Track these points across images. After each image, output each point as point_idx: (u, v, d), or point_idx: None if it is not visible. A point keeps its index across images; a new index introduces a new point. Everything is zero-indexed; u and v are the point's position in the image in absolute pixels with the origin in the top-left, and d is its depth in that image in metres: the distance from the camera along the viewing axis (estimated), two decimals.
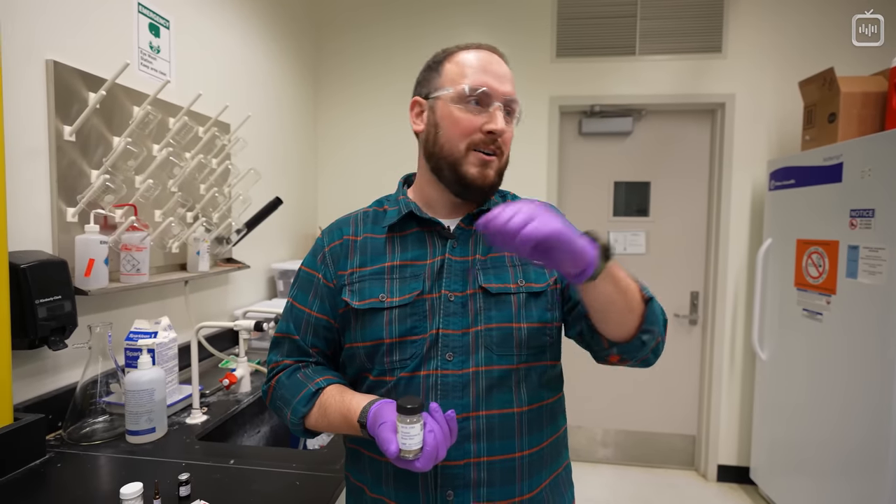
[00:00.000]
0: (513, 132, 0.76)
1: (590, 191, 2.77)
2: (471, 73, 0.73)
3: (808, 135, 2.20)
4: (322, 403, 0.71)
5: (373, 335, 0.72)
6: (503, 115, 0.72)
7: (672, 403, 2.78)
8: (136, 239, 1.28)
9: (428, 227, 0.77)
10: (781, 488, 2.28)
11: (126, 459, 1.02)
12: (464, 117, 0.72)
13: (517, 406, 0.70)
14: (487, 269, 0.74)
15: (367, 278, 0.75)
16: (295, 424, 0.73)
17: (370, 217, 0.82)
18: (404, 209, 0.77)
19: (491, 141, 0.72)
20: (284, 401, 0.74)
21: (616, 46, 2.58)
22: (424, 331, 0.71)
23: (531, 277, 0.74)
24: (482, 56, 0.75)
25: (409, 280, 0.73)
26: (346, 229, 0.81)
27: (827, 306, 1.95)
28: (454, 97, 0.73)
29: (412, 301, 0.72)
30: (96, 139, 1.25)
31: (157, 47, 1.47)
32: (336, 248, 0.79)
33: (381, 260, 0.76)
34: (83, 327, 1.14)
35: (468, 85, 0.72)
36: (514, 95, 0.75)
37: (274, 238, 2.27)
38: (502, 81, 0.73)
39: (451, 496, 0.68)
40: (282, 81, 2.33)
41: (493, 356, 0.70)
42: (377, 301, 0.73)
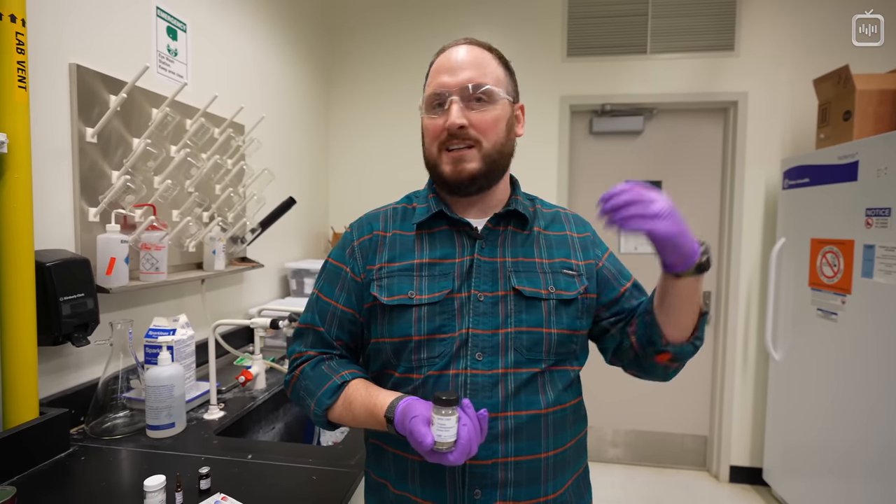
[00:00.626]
0: (494, 114, 0.73)
1: (601, 190, 2.70)
2: (432, 79, 0.76)
3: (823, 133, 2.18)
4: (347, 397, 0.72)
5: (401, 331, 0.73)
6: (459, 106, 0.72)
7: (683, 403, 2.77)
8: (155, 238, 1.30)
9: (457, 226, 0.78)
10: (796, 490, 2.26)
11: (147, 453, 1.05)
12: (430, 124, 0.75)
13: (544, 407, 0.71)
14: (519, 272, 0.74)
15: (396, 274, 0.76)
16: (318, 416, 0.74)
17: (399, 213, 0.83)
18: (434, 207, 0.78)
19: (455, 136, 0.72)
20: (308, 391, 0.75)
21: (627, 45, 2.57)
22: (453, 329, 0.72)
23: (561, 285, 0.75)
24: (445, 56, 0.76)
25: (438, 278, 0.74)
26: (376, 224, 0.82)
27: (842, 306, 1.93)
28: (424, 109, 0.76)
29: (441, 300, 0.72)
30: (116, 140, 1.28)
31: (174, 50, 1.50)
32: (365, 242, 0.80)
33: (410, 257, 0.76)
34: (104, 324, 1.17)
35: (428, 92, 0.75)
36: (477, 80, 0.72)
37: (286, 237, 2.30)
38: (457, 73, 0.73)
39: (478, 494, 0.69)
40: (294, 83, 2.36)
41: (522, 359, 0.71)
42: (406, 297, 0.73)
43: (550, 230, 0.81)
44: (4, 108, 0.93)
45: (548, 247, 0.78)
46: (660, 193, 0.63)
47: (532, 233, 0.79)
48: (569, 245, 0.80)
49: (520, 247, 0.77)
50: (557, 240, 0.80)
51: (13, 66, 0.94)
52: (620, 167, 2.75)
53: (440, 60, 0.77)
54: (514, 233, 0.78)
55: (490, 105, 0.73)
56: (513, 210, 0.78)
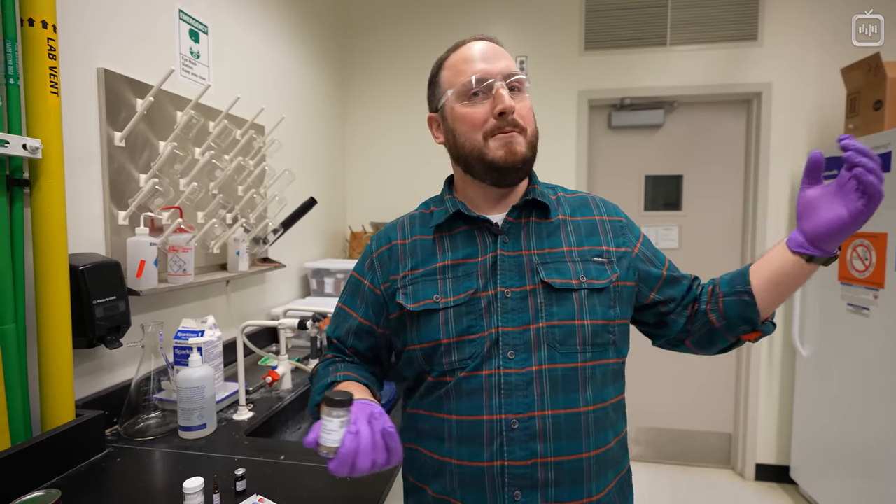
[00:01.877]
0: (529, 104, 0.75)
1: (620, 185, 2.73)
2: (463, 67, 0.74)
3: (852, 123, 2.12)
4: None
5: (429, 336, 0.73)
6: (507, 92, 0.71)
7: (707, 401, 2.72)
8: (182, 240, 1.31)
9: (476, 224, 0.77)
10: (824, 488, 2.21)
11: (181, 454, 1.05)
12: (471, 111, 0.73)
13: (583, 405, 0.69)
14: (547, 263, 0.72)
15: (420, 280, 0.75)
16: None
17: (417, 220, 0.83)
18: (451, 208, 0.77)
19: (505, 122, 0.71)
20: (314, 389, 0.79)
21: (646, 37, 2.53)
22: (482, 329, 0.70)
23: (592, 274, 0.73)
24: (469, 48, 0.75)
25: (462, 279, 0.73)
26: (394, 234, 0.82)
27: (874, 301, 1.88)
28: (457, 97, 0.74)
29: (467, 300, 0.72)
30: (142, 144, 1.29)
31: (196, 53, 1.50)
32: (384, 253, 0.81)
33: (433, 261, 0.76)
34: (135, 326, 1.18)
35: (464, 80, 0.73)
36: (513, 69, 0.73)
37: (305, 238, 2.31)
38: (495, 61, 0.73)
39: (518, 496, 0.67)
40: (311, 83, 2.36)
41: (557, 354, 0.69)
42: (432, 302, 0.73)
43: (578, 215, 0.79)
44: (38, 114, 0.94)
45: (576, 233, 0.76)
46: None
47: (557, 220, 0.77)
48: (599, 231, 0.77)
49: (545, 237, 0.75)
50: (586, 225, 0.78)
51: (45, 71, 0.94)
52: (640, 161, 2.71)
53: (464, 52, 0.75)
54: (538, 223, 0.76)
55: (523, 94, 0.74)
56: (532, 200, 0.76)
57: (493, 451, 0.68)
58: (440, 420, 0.72)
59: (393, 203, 2.76)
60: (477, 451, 0.69)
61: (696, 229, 2.68)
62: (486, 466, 0.68)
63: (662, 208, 2.71)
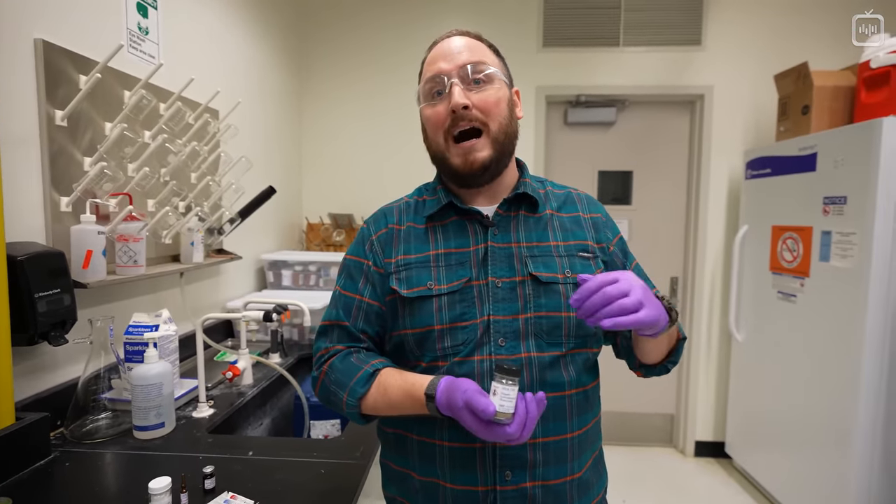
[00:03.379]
0: (496, 94, 0.74)
1: (575, 179, 2.82)
2: (427, 69, 0.75)
3: (783, 126, 2.30)
4: (381, 383, 0.71)
5: (422, 322, 0.73)
6: (461, 87, 0.71)
7: (652, 384, 2.89)
8: (133, 229, 1.23)
9: (467, 216, 0.78)
10: (754, 461, 2.43)
11: (138, 455, 0.99)
12: (431, 112, 0.75)
13: (567, 389, 0.72)
14: (535, 256, 0.75)
15: (414, 266, 0.76)
16: (352, 406, 0.72)
17: (412, 207, 0.83)
18: (444, 199, 0.78)
19: (460, 118, 0.71)
20: (340, 384, 0.73)
21: (601, 37, 2.62)
22: (474, 317, 0.72)
23: (577, 269, 0.75)
24: (437, 47, 0.76)
25: (455, 267, 0.74)
26: (391, 218, 0.82)
27: (801, 288, 2.07)
28: (423, 99, 0.76)
29: (461, 288, 0.73)
30: (86, 124, 1.19)
31: (145, 28, 1.40)
32: (383, 235, 0.80)
33: (426, 248, 0.77)
34: (82, 321, 1.10)
35: (423, 81, 0.75)
36: (474, 59, 0.73)
37: (261, 229, 2.22)
38: (454, 57, 0.73)
39: (509, 476, 0.70)
40: (266, 69, 2.26)
41: (543, 343, 0.71)
42: (425, 289, 0.74)
43: (563, 212, 0.81)
44: None
45: (562, 229, 0.79)
46: (627, 276, 0.62)
47: (545, 215, 0.79)
48: (583, 226, 0.80)
49: (533, 231, 0.77)
50: (571, 221, 0.80)
51: None
52: (593, 157, 2.82)
53: (434, 51, 0.76)
54: (527, 217, 0.78)
55: (489, 85, 0.74)
56: (522, 193, 0.78)
57: None
58: None
59: (354, 195, 2.71)
60: (468, 433, 0.70)
61: (645, 223, 2.83)
62: (477, 448, 0.70)
63: (613, 202, 2.84)
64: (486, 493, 0.70)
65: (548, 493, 0.71)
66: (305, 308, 1.43)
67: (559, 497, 0.71)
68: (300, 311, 1.43)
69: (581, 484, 0.74)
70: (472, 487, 0.70)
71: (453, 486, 0.71)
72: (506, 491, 0.70)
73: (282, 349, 1.68)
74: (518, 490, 0.70)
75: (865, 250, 1.73)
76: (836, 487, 1.85)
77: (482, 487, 0.70)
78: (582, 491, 0.74)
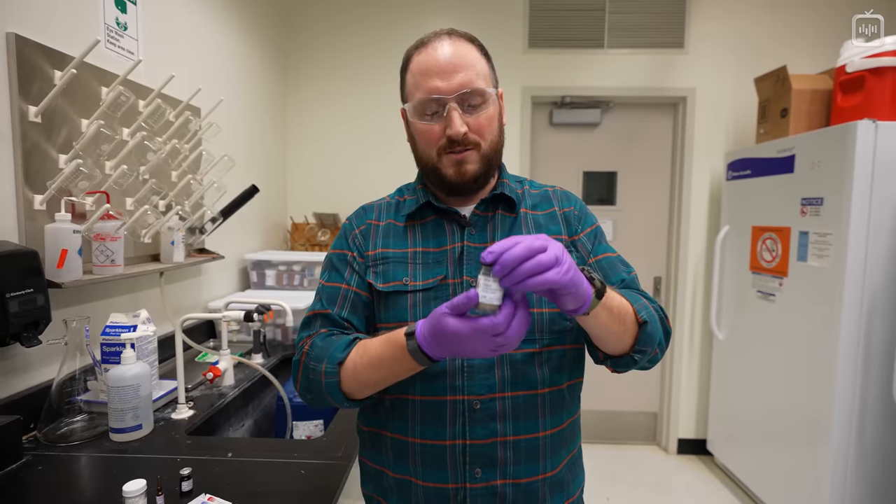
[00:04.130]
0: (491, 113, 0.74)
1: (560, 180, 2.84)
2: (420, 81, 0.73)
3: (763, 128, 2.35)
4: (361, 346, 0.68)
5: (396, 317, 0.74)
6: (459, 113, 0.71)
7: (636, 383, 2.93)
8: (110, 228, 1.20)
9: (445, 215, 0.79)
10: (734, 457, 2.47)
11: (114, 458, 0.98)
12: (426, 129, 0.74)
13: (540, 387, 0.72)
14: None
15: (391, 261, 0.77)
16: (330, 374, 0.68)
17: (392, 206, 0.84)
18: (422, 198, 0.79)
19: (456, 142, 0.72)
20: (318, 359, 0.70)
21: (586, 39, 2.65)
22: None
23: None
24: (430, 54, 0.73)
25: (432, 265, 0.75)
26: (371, 214, 0.83)
27: (779, 288, 2.11)
28: (414, 112, 0.75)
29: (436, 285, 0.73)
30: (61, 121, 1.16)
31: (123, 24, 1.38)
32: (364, 230, 0.81)
33: (404, 245, 0.78)
34: (57, 322, 1.07)
35: (418, 98, 0.73)
36: (471, 84, 0.71)
37: (244, 228, 2.20)
38: (451, 76, 0.71)
39: (478, 473, 0.70)
40: (250, 67, 2.24)
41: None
42: (401, 284, 0.74)
43: (539, 210, 0.81)
44: None
45: (536, 227, 0.79)
46: (544, 238, 0.56)
47: (520, 215, 0.80)
48: (558, 222, 0.80)
49: (509, 230, 0.78)
50: (546, 218, 0.80)
51: None
52: (578, 158, 2.84)
53: (425, 59, 0.73)
54: (504, 216, 0.79)
55: (484, 106, 0.73)
56: (499, 194, 0.79)
57: (456, 430, 0.70)
58: (405, 401, 0.73)
59: (339, 194, 2.69)
60: (440, 430, 0.71)
61: (629, 223, 2.86)
62: (448, 445, 0.70)
63: (599, 203, 2.86)
64: (457, 490, 0.70)
65: (518, 492, 0.71)
66: (288, 308, 1.42)
67: (531, 496, 0.72)
68: (283, 311, 1.42)
69: (554, 483, 0.74)
70: (443, 485, 0.70)
71: (425, 484, 0.71)
72: (475, 489, 0.70)
73: (264, 349, 1.66)
74: (488, 488, 0.70)
75: (841, 250, 1.77)
76: (812, 482, 1.89)
77: (452, 485, 0.70)
78: (555, 490, 0.74)
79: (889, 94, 1.84)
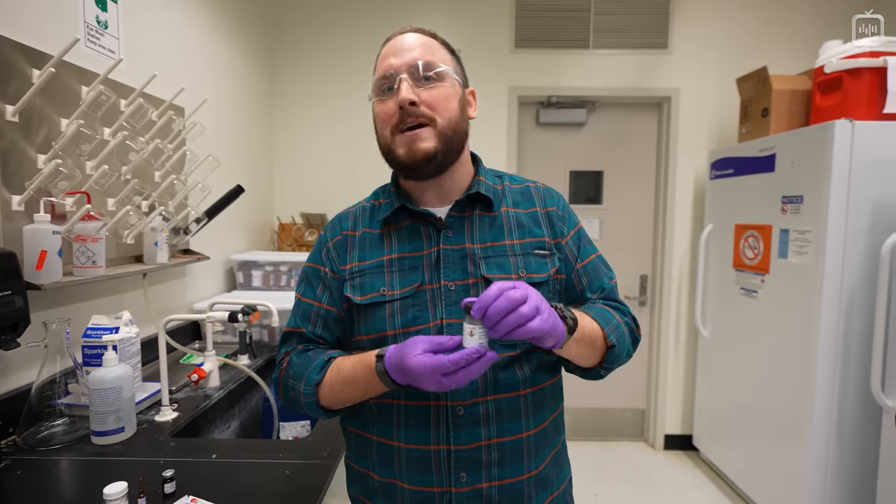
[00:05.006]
0: (446, 91, 0.73)
1: (547, 179, 2.81)
2: (379, 65, 0.75)
3: (745, 128, 2.39)
4: (336, 366, 0.71)
5: (376, 328, 0.73)
6: (410, 84, 0.70)
7: (623, 380, 2.96)
8: (91, 229, 1.19)
9: (420, 218, 0.77)
10: (720, 452, 2.50)
11: (95, 462, 0.96)
12: (381, 108, 0.74)
13: (522, 388, 0.73)
14: (489, 257, 0.74)
15: (367, 272, 0.76)
16: (309, 395, 0.71)
17: (367, 212, 0.82)
18: (396, 202, 0.78)
19: (408, 115, 0.70)
20: (297, 377, 0.73)
21: (571, 39, 2.67)
22: (427, 320, 0.71)
23: (532, 268, 0.75)
24: (391, 43, 0.75)
25: (408, 272, 0.74)
26: (346, 224, 0.82)
27: (762, 285, 2.15)
28: (374, 94, 0.75)
29: (413, 292, 0.73)
30: (40, 120, 1.15)
31: (104, 22, 1.36)
32: (338, 242, 0.80)
33: (380, 254, 0.76)
34: (36, 324, 1.06)
35: (374, 80, 0.74)
36: (426, 58, 0.72)
37: (230, 229, 2.18)
38: (404, 54, 0.72)
39: (463, 478, 0.70)
40: (235, 66, 2.22)
41: (497, 344, 0.71)
42: (379, 295, 0.74)
43: (521, 207, 0.80)
44: None
45: (518, 227, 0.77)
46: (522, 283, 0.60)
47: (500, 213, 0.78)
48: (540, 223, 0.79)
49: (488, 230, 0.76)
50: (528, 218, 0.79)
51: None
52: (565, 157, 2.86)
53: (387, 47, 0.75)
54: (482, 216, 0.77)
55: (440, 83, 0.73)
56: (475, 193, 0.77)
57: (440, 435, 0.70)
58: (390, 405, 0.73)
59: (327, 194, 2.68)
60: (424, 435, 0.71)
61: (615, 222, 2.89)
62: (433, 450, 0.70)
63: (585, 202, 2.89)
64: (442, 494, 0.70)
65: (504, 493, 0.71)
66: (274, 308, 1.41)
67: (516, 495, 0.72)
68: (269, 311, 1.41)
69: (539, 480, 0.74)
70: (428, 489, 0.70)
71: (410, 487, 0.71)
72: (461, 492, 0.70)
73: (251, 351, 1.65)
74: (473, 491, 0.70)
75: (820, 247, 1.81)
76: (794, 475, 1.92)
77: (438, 489, 0.70)
78: (540, 486, 0.75)
79: (865, 94, 1.88)
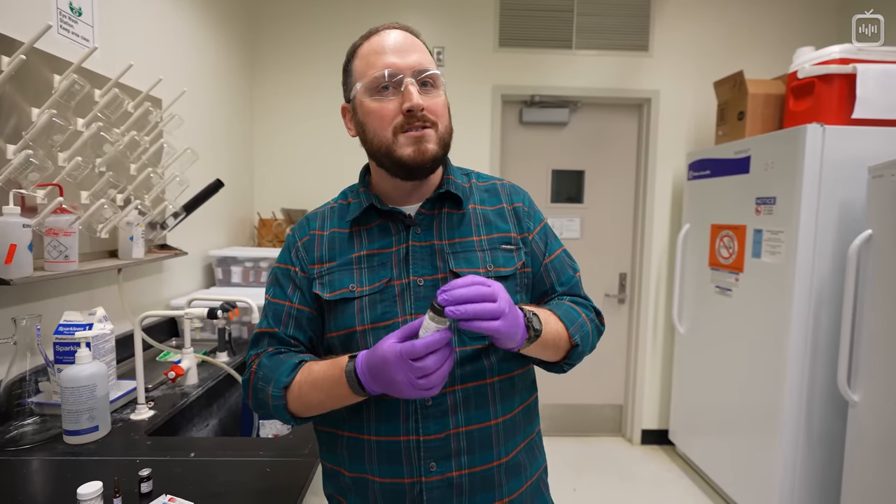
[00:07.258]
0: (443, 99, 0.74)
1: (530, 178, 2.88)
2: (374, 60, 0.72)
3: (721, 130, 2.44)
4: (307, 368, 0.70)
5: (345, 324, 0.73)
6: (416, 88, 0.70)
7: (602, 376, 3.01)
8: (63, 222, 1.15)
9: (390, 217, 0.77)
10: (694, 446, 2.57)
11: (68, 461, 0.94)
12: (380, 106, 0.72)
13: (489, 377, 0.74)
14: (457, 253, 0.75)
15: (337, 270, 0.76)
16: (277, 398, 0.70)
17: (336, 212, 0.82)
18: (365, 202, 0.78)
19: (414, 118, 0.70)
20: (266, 380, 0.72)
21: (555, 39, 2.69)
22: (395, 315, 0.72)
23: (500, 262, 0.76)
24: (381, 38, 0.73)
25: (377, 269, 0.74)
26: (314, 223, 0.81)
27: (736, 283, 2.21)
28: (366, 91, 0.72)
29: (382, 288, 0.73)
30: (9, 109, 1.11)
31: (77, 9, 1.32)
32: (306, 242, 0.80)
33: (349, 252, 0.76)
34: (5, 321, 1.03)
35: (374, 73, 0.71)
36: (425, 65, 0.72)
37: (209, 224, 2.14)
38: (406, 54, 0.72)
39: (433, 467, 0.70)
40: (215, 59, 2.17)
41: (465, 338, 0.72)
42: (348, 291, 0.74)
43: (487, 204, 0.81)
44: None
45: (485, 223, 0.79)
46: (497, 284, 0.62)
47: (468, 211, 0.79)
48: (506, 218, 0.80)
49: (456, 227, 0.77)
50: (495, 214, 0.80)
51: None
52: (548, 156, 2.89)
53: (377, 42, 0.73)
54: (450, 214, 0.78)
55: (436, 90, 0.74)
56: (445, 192, 0.78)
57: (409, 426, 0.71)
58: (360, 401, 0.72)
59: (308, 190, 2.66)
60: (394, 426, 0.71)
61: (596, 221, 2.93)
62: (402, 441, 0.71)
63: (566, 201, 2.92)
64: (413, 484, 0.71)
65: (474, 480, 0.72)
66: (254, 305, 1.39)
67: (487, 482, 0.73)
68: (248, 308, 1.39)
69: (511, 468, 0.75)
70: (399, 480, 0.71)
71: (381, 480, 0.71)
72: (431, 482, 0.70)
73: (230, 348, 1.63)
74: (444, 480, 0.71)
75: (791, 247, 1.87)
76: (765, 468, 1.99)
77: (408, 479, 0.71)
78: (512, 474, 0.75)
79: (836, 99, 1.95)
